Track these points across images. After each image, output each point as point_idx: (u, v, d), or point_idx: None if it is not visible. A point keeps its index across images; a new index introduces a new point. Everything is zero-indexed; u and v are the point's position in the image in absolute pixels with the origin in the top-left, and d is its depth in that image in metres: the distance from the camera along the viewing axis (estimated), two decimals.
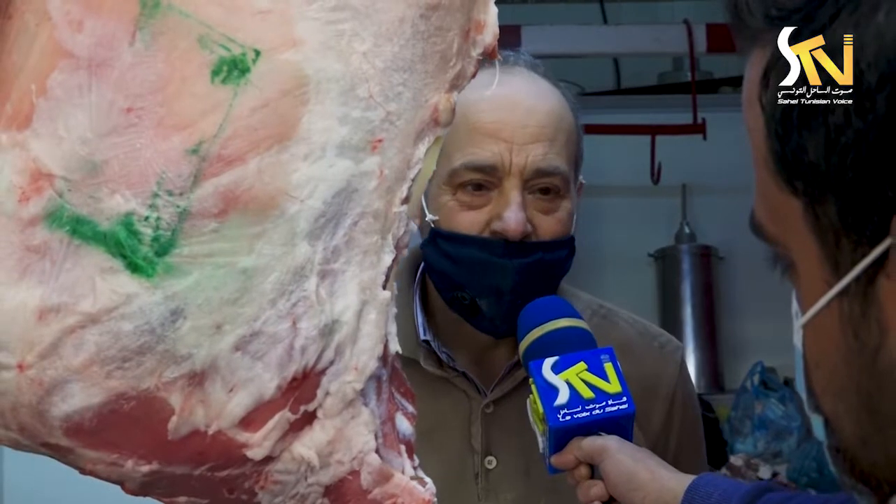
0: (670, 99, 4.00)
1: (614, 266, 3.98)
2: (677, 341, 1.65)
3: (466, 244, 1.43)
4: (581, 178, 1.53)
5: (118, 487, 0.87)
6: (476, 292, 1.44)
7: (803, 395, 0.74)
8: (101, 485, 0.89)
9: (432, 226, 1.46)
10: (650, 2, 4.35)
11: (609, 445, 1.25)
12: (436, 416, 1.50)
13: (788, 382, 3.86)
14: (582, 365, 1.29)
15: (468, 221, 1.43)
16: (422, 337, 1.52)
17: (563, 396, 1.27)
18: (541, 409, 1.28)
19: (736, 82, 4.10)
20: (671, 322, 3.93)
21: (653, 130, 3.76)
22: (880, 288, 0.65)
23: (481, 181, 1.43)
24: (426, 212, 1.46)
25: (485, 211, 1.43)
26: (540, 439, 1.31)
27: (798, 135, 0.67)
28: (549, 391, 1.28)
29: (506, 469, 1.50)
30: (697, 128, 3.68)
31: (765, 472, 3.48)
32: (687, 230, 4.05)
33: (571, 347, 1.32)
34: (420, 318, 1.54)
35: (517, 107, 1.45)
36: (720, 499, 1.16)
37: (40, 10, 0.81)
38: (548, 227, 1.44)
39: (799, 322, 0.72)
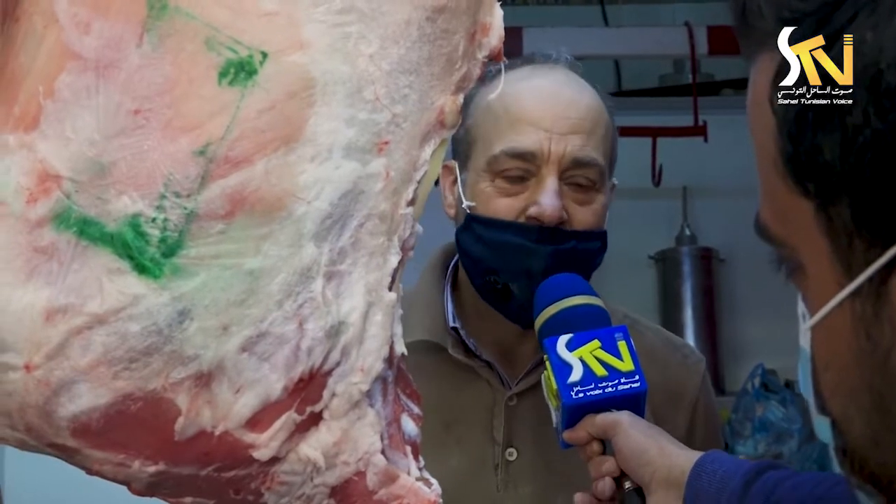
0: (671, 101, 4.00)
1: (615, 268, 3.96)
2: (700, 354, 1.69)
3: (502, 229, 1.46)
4: (614, 179, 1.55)
5: (121, 487, 0.87)
6: (508, 277, 1.46)
7: (809, 396, 0.74)
8: (102, 485, 0.89)
9: (468, 212, 1.48)
10: (651, 4, 4.35)
11: (622, 420, 1.26)
12: (459, 406, 1.52)
13: (789, 384, 3.86)
14: (596, 343, 1.31)
15: (505, 207, 1.46)
16: (451, 324, 1.54)
17: (576, 374, 1.29)
18: (555, 386, 1.29)
19: (737, 84, 4.10)
20: (672, 324, 3.93)
21: (654, 132, 3.76)
22: (893, 288, 0.66)
23: (520, 168, 1.46)
24: (462, 199, 1.49)
25: (521, 198, 1.46)
26: (553, 414, 1.33)
27: (812, 135, 0.67)
28: (563, 368, 1.29)
29: (526, 462, 1.52)
30: (698, 130, 3.68)
31: None
32: (688, 232, 4.05)
33: (586, 325, 1.33)
34: (450, 307, 1.56)
35: (559, 98, 1.48)
36: (725, 475, 1.17)
37: (48, 13, 0.82)
38: (582, 217, 1.47)
39: (808, 324, 0.72)
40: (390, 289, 0.87)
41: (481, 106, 1.48)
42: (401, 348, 0.88)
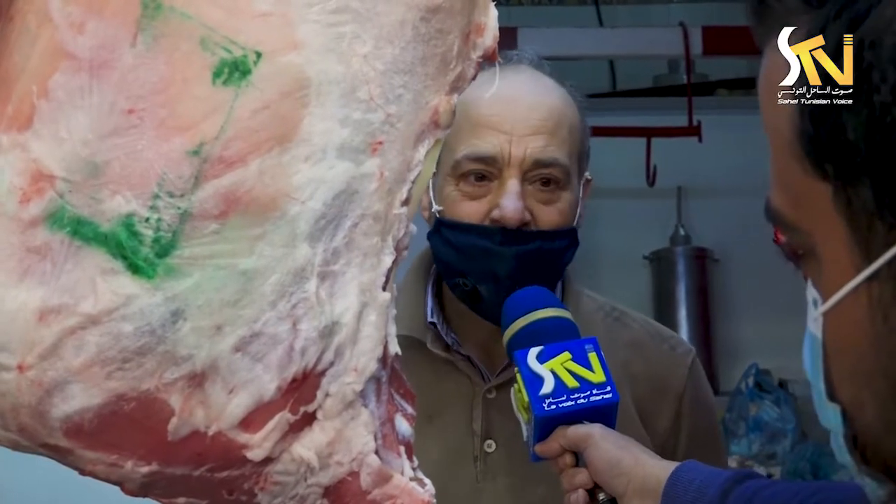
0: (666, 101, 4.00)
1: (609, 268, 3.98)
2: (689, 345, 1.68)
3: (467, 232, 1.48)
4: (588, 174, 1.55)
5: (114, 488, 0.87)
6: (476, 279, 1.48)
7: (819, 383, 0.73)
8: (95, 485, 0.89)
9: (437, 216, 1.50)
10: (645, 4, 4.36)
11: (593, 433, 1.26)
12: (439, 399, 1.54)
13: (783, 384, 3.87)
14: (566, 355, 1.31)
15: (469, 211, 1.48)
16: (429, 319, 1.56)
17: (547, 386, 1.29)
18: (526, 399, 1.29)
19: (731, 85, 4.11)
20: (666, 324, 3.91)
21: (648, 132, 3.76)
22: None
23: (482, 171, 1.47)
24: (433, 202, 1.51)
25: (485, 201, 1.47)
26: (524, 428, 1.33)
27: (836, 115, 0.67)
28: (534, 380, 1.29)
29: (505, 454, 1.53)
30: (693, 130, 3.68)
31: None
32: (682, 232, 4.06)
33: (556, 337, 1.33)
34: (430, 302, 1.58)
35: (519, 101, 1.49)
36: (702, 485, 1.16)
37: (42, 12, 0.81)
38: (547, 217, 1.48)
39: (821, 309, 0.71)
40: (384, 289, 0.87)
41: None
42: (395, 348, 0.88)
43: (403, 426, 0.91)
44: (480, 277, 1.47)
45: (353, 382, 0.85)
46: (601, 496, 1.25)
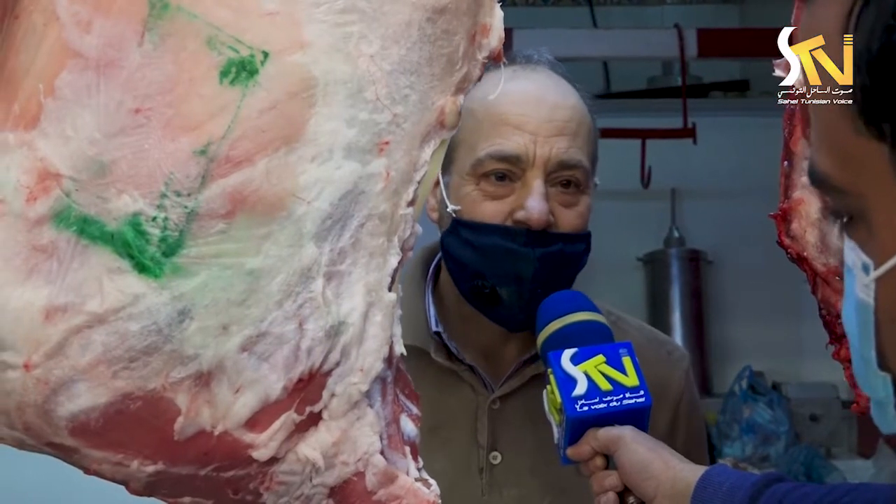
0: (660, 103, 4.01)
1: (603, 270, 3.97)
2: (683, 350, 1.68)
3: (489, 233, 1.45)
4: (596, 179, 1.55)
5: (110, 485, 0.87)
6: (497, 281, 1.45)
7: (870, 352, 0.71)
8: (89, 485, 0.89)
9: (454, 216, 1.48)
10: (640, 6, 4.37)
11: (625, 435, 1.26)
12: (443, 410, 1.52)
13: (776, 387, 3.87)
14: (601, 357, 1.31)
15: (491, 211, 1.46)
16: (433, 328, 1.54)
17: (581, 387, 1.29)
18: (558, 400, 1.29)
19: (726, 87, 4.11)
20: (659, 326, 3.92)
21: (643, 134, 3.76)
22: None
23: (505, 171, 1.45)
24: (447, 202, 1.48)
25: (507, 201, 1.45)
26: (555, 430, 1.32)
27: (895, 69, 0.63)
28: (568, 382, 1.29)
29: (511, 465, 1.51)
30: (688, 132, 3.69)
31: None
32: (676, 234, 4.06)
33: (590, 340, 1.34)
34: (432, 311, 1.56)
35: (542, 101, 1.48)
36: (731, 488, 1.16)
37: (48, 11, 0.81)
38: (568, 219, 1.46)
39: (874, 274, 0.69)
40: (390, 289, 0.87)
41: (463, 108, 1.47)
42: (400, 349, 0.89)
43: (408, 426, 0.91)
44: (502, 279, 1.45)
45: (359, 382, 0.85)
46: (631, 499, 1.25)
